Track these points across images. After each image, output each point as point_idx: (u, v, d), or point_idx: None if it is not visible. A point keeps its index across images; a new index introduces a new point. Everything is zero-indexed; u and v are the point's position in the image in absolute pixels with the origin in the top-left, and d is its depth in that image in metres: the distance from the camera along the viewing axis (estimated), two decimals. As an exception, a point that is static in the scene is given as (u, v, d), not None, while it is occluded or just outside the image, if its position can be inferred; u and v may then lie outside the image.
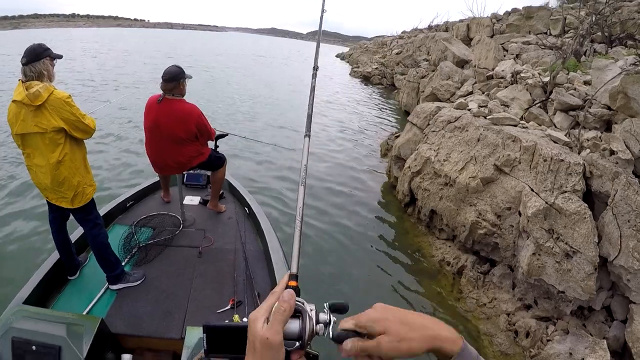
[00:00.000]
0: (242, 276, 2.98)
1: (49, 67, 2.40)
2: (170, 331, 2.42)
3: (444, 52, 13.39)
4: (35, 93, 2.23)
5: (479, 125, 4.63)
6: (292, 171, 6.95)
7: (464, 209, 4.23)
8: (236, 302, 2.69)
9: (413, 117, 6.39)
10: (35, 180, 2.53)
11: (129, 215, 3.73)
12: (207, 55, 33.12)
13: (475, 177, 4.15)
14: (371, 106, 15.36)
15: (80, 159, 2.57)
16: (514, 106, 5.88)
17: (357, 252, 4.67)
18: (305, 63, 34.88)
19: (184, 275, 2.95)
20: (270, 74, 23.62)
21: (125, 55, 26.14)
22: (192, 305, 2.66)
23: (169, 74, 3.13)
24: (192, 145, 3.33)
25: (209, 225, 3.69)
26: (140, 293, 2.72)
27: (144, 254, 3.14)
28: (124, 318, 2.48)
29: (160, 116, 3.15)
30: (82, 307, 2.54)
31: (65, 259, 2.76)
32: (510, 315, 3.71)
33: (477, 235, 4.04)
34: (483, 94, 7.46)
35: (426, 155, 5.02)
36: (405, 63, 20.91)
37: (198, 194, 4.26)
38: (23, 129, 2.32)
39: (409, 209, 5.47)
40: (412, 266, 4.36)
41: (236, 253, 3.27)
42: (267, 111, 12.52)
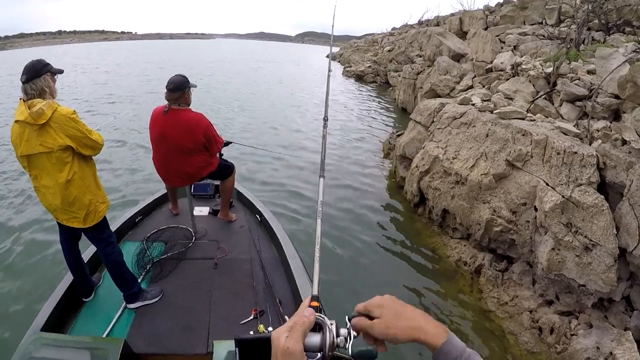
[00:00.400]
0: (261, 285, 2.96)
1: (50, 83, 2.33)
2: (196, 347, 2.39)
3: (438, 46, 13.36)
4: (38, 111, 2.16)
5: (486, 121, 4.61)
6: (302, 181, 6.88)
7: (478, 207, 4.20)
8: (259, 312, 2.67)
9: (416, 115, 6.36)
10: (44, 202, 2.45)
11: (139, 230, 3.69)
12: (200, 63, 33.00)
13: (488, 174, 4.12)
14: (367, 105, 15.37)
15: (91, 176, 2.50)
16: (518, 99, 5.86)
17: (370, 256, 4.62)
18: (299, 67, 35.07)
19: (201, 289, 2.92)
20: (265, 79, 23.51)
21: (117, 68, 26.02)
22: (214, 319, 2.62)
23: (174, 83, 3.08)
24: (200, 156, 3.27)
25: (221, 235, 3.66)
26: (159, 310, 2.68)
27: (158, 270, 3.10)
28: (145, 337, 2.43)
29: (167, 127, 3.10)
30: (101, 329, 2.49)
31: (80, 280, 2.70)
32: (533, 312, 3.68)
33: (493, 233, 4.01)
34: (484, 88, 7.44)
35: (434, 154, 4.98)
36: (398, 60, 20.86)
37: (207, 204, 4.24)
38: (28, 149, 2.24)
39: (419, 209, 5.44)
40: (429, 268, 4.32)
41: (252, 262, 3.25)
42: (265, 115, 12.53)
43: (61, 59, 33.36)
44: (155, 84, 17.78)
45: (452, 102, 5.95)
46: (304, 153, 8.46)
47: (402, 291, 3.99)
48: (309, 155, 8.30)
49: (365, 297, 2.57)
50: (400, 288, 4.05)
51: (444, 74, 9.80)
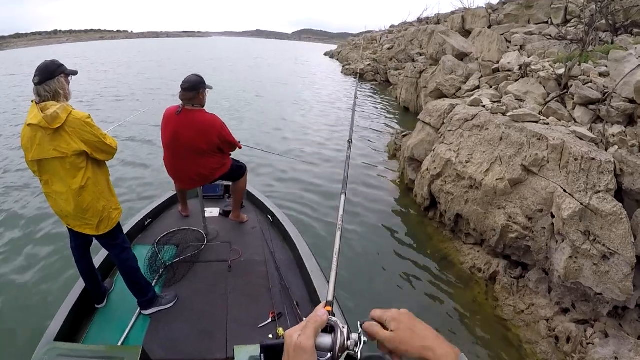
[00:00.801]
0: (277, 287, 2.93)
1: (65, 85, 2.27)
2: (214, 352, 2.36)
3: (442, 45, 13.28)
4: (53, 115, 2.08)
5: (499, 124, 4.56)
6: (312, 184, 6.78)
7: (493, 212, 4.16)
8: (277, 315, 2.64)
9: (425, 116, 6.30)
10: (55, 208, 2.38)
11: (149, 234, 3.62)
12: (199, 61, 32.79)
13: (503, 179, 4.07)
14: (368, 104, 15.30)
15: (104, 182, 2.45)
16: (529, 100, 5.82)
17: (380, 261, 4.58)
18: (297, 65, 34.59)
19: (216, 292, 2.88)
20: (265, 77, 23.41)
21: (119, 68, 25.77)
22: (231, 322, 2.59)
23: (189, 82, 3.04)
24: (214, 157, 3.23)
25: (233, 237, 3.62)
26: (174, 315, 2.64)
27: (171, 274, 3.06)
28: (162, 344, 2.40)
29: (180, 128, 3.04)
30: (116, 336, 2.44)
31: (92, 287, 2.65)
32: (550, 320, 3.65)
33: (509, 240, 3.97)
34: (491, 88, 7.40)
35: (446, 157, 4.93)
36: (398, 58, 20.83)
37: (217, 205, 4.19)
38: (40, 154, 2.17)
39: (430, 212, 5.38)
40: (442, 275, 4.27)
41: (267, 264, 3.21)
42: (273, 117, 12.46)
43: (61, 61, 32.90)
44: (156, 82, 17.64)
45: (462, 103, 5.89)
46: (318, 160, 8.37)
47: (415, 299, 3.95)
48: (323, 162, 8.21)
49: (375, 303, 2.65)
50: (412, 295, 4.01)
51: (450, 73, 9.76)
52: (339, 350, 0.67)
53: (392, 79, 19.52)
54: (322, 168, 7.55)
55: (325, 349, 0.67)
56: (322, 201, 5.98)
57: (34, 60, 4.04)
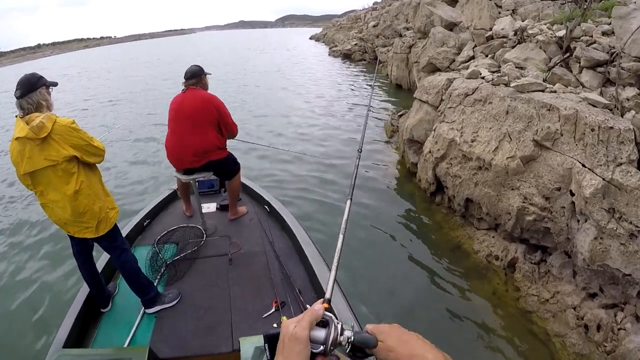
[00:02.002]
0: (278, 276, 2.95)
1: (47, 96, 2.33)
2: (220, 346, 2.38)
3: (429, 17, 12.78)
4: (39, 125, 2.13)
5: (503, 96, 4.20)
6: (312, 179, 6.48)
7: (506, 194, 3.83)
8: (280, 304, 2.66)
9: (421, 94, 5.92)
10: (53, 217, 2.42)
11: (148, 234, 3.69)
12: (186, 61, 32.23)
13: (514, 157, 3.74)
14: (360, 83, 14.86)
15: (98, 184, 2.50)
16: (531, 68, 5.44)
17: (387, 254, 4.32)
18: (279, 50, 34.51)
19: (219, 286, 2.92)
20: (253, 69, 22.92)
21: (107, 73, 25.51)
22: (236, 315, 2.63)
23: (190, 72, 3.39)
24: (212, 132, 3.36)
25: (232, 230, 3.67)
26: (179, 312, 2.69)
27: (173, 272, 3.11)
28: (168, 341, 2.44)
29: (184, 101, 3.32)
30: (123, 338, 2.47)
31: (96, 291, 2.70)
32: (577, 308, 3.37)
33: (526, 223, 3.66)
34: (487, 57, 6.99)
35: (449, 137, 4.57)
36: (385, 34, 20.78)
37: (213, 200, 4.25)
38: (31, 166, 2.21)
39: (437, 197, 5.06)
40: (456, 266, 3.98)
41: (267, 254, 3.25)
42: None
43: (47, 73, 32.29)
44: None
45: (459, 76, 5.50)
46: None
47: (427, 295, 3.71)
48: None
49: (382, 301, 3.60)
50: (424, 291, 3.76)
51: (441, 45, 9.33)
52: (331, 343, 0.71)
53: (381, 56, 19.36)
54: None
55: (319, 342, 0.71)
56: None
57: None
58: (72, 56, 64.89)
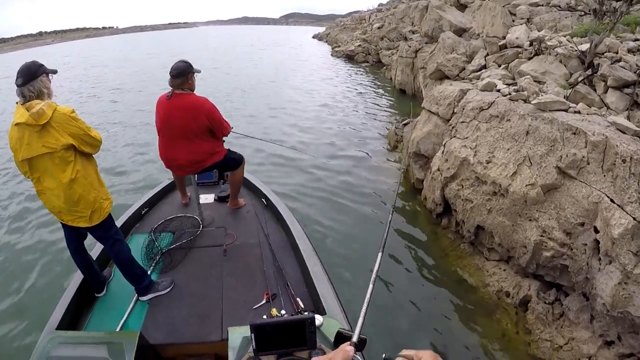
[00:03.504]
0: (271, 269, 3.00)
1: (48, 84, 2.37)
2: (210, 334, 2.43)
3: (438, 21, 12.45)
4: (39, 111, 2.18)
5: (523, 114, 3.85)
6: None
7: (522, 225, 3.48)
8: (271, 296, 2.70)
9: (431, 104, 5.55)
10: (48, 204, 2.47)
11: (146, 222, 3.75)
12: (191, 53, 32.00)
13: (535, 185, 3.38)
14: (362, 87, 14.61)
15: (93, 174, 2.54)
16: (550, 83, 5.09)
17: (386, 279, 3.97)
18: (285, 48, 34.33)
19: (212, 276, 2.97)
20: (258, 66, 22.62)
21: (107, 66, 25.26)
22: (227, 305, 2.67)
23: (177, 69, 3.16)
24: (205, 142, 3.29)
25: (228, 221, 3.72)
26: (172, 300, 2.74)
27: (168, 260, 3.17)
28: (160, 328, 2.49)
29: (171, 111, 3.16)
30: (116, 323, 2.54)
31: (90, 277, 2.76)
32: (593, 358, 3.00)
33: (543, 259, 3.31)
34: (500, 68, 6.63)
35: (461, 155, 4.20)
36: (390, 37, 20.76)
37: (211, 191, 4.31)
38: (30, 152, 2.26)
39: (444, 220, 4.70)
40: (462, 300, 3.65)
41: (261, 246, 3.29)
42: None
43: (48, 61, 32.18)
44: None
45: (473, 87, 5.13)
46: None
47: (429, 333, 3.40)
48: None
49: (378, 336, 3.17)
50: (425, 327, 3.46)
51: (450, 52, 8.97)
52: None
53: (384, 59, 19.28)
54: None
55: None
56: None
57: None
58: (75, 45, 64.29)
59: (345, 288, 3.57)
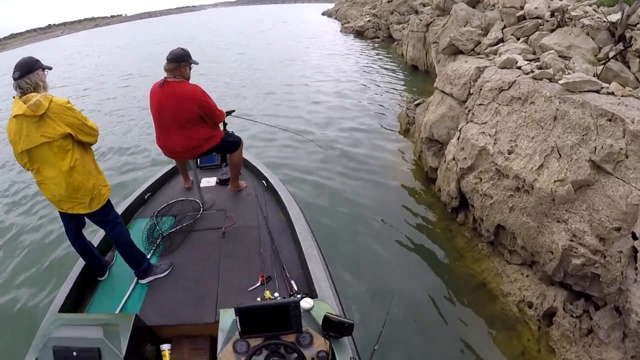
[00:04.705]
0: (268, 251, 3.01)
1: (44, 78, 2.46)
2: (205, 316, 2.47)
3: (450, -9, 11.67)
4: (36, 103, 2.27)
5: (550, 96, 3.38)
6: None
7: (549, 227, 3.06)
8: (266, 278, 2.71)
9: (444, 84, 5.06)
10: (47, 193, 2.55)
11: (149, 207, 3.82)
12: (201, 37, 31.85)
13: (564, 181, 2.94)
14: (372, 64, 14.03)
15: (91, 162, 2.62)
16: (577, 59, 4.53)
17: (392, 283, 3.61)
18: (292, 27, 34.08)
19: (210, 259, 3.01)
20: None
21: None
22: (222, 288, 2.71)
23: (173, 54, 3.20)
24: (199, 128, 3.28)
25: (229, 204, 3.75)
26: (170, 283, 2.80)
27: (168, 243, 3.21)
28: (157, 310, 2.55)
29: (163, 100, 3.17)
30: (116, 305, 2.61)
31: (90, 262, 2.84)
32: (625, 383, 2.61)
33: (572, 267, 2.92)
34: (519, 41, 6.02)
35: (479, 144, 3.76)
36: (400, 11, 20.19)
37: (214, 174, 4.34)
38: (29, 143, 2.35)
39: (460, 215, 4.29)
40: (479, 309, 3.32)
41: (260, 229, 3.30)
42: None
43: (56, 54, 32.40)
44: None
45: (490, 64, 4.60)
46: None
47: (440, 346, 3.07)
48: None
49: (387, 340, 2.69)
50: (436, 339, 3.12)
51: (464, 24, 8.34)
52: None
53: (395, 34, 18.82)
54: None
55: None
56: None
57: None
58: (85, 36, 64.07)
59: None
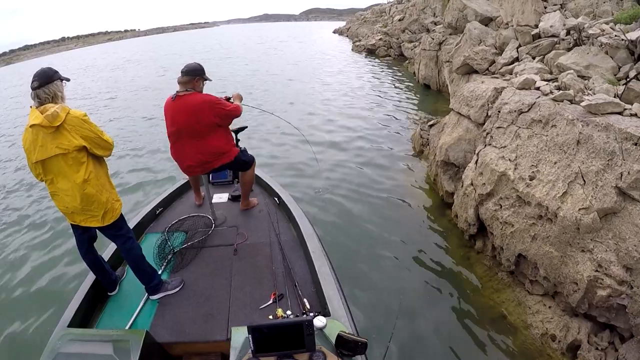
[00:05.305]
0: (280, 268, 2.98)
1: (61, 89, 2.46)
2: (215, 334, 2.45)
3: (462, 10, 11.69)
4: (53, 114, 2.27)
5: (572, 118, 3.27)
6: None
7: (574, 256, 2.92)
8: (278, 296, 2.68)
9: (460, 105, 4.96)
10: (61, 205, 2.53)
11: (160, 222, 3.82)
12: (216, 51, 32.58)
13: (589, 209, 2.81)
14: (384, 82, 14.04)
15: (105, 176, 2.63)
16: (596, 78, 4.42)
17: (407, 313, 3.50)
18: (304, 45, 34.33)
19: (221, 275, 2.99)
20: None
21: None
22: (234, 305, 2.68)
23: (188, 67, 3.24)
24: (214, 140, 3.27)
25: (240, 221, 3.74)
26: (180, 299, 2.77)
27: (179, 259, 3.21)
28: (167, 326, 2.53)
29: (175, 113, 3.20)
30: (125, 321, 2.59)
31: (101, 277, 2.83)
32: None
33: (597, 298, 2.79)
34: (535, 60, 5.92)
35: (499, 169, 3.63)
36: (411, 29, 20.67)
37: (225, 190, 4.34)
38: (44, 154, 2.35)
39: (478, 242, 4.15)
40: (500, 343, 3.21)
41: (272, 245, 3.30)
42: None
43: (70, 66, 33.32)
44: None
45: (508, 85, 4.50)
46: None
47: None
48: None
49: None
50: None
51: (478, 43, 8.26)
52: None
53: (406, 52, 18.93)
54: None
55: None
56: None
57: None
58: (98, 50, 65.73)
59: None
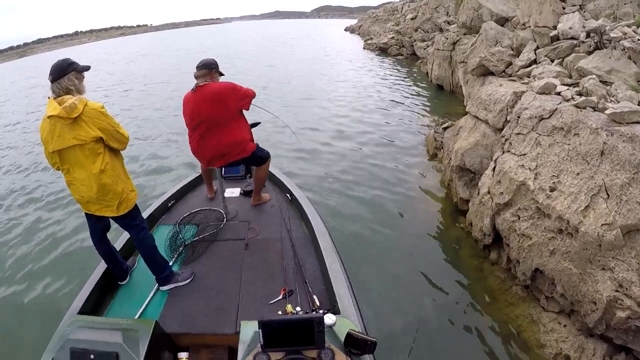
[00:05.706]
0: (291, 264, 3.00)
1: (75, 82, 2.46)
2: (224, 327, 2.47)
3: (477, 10, 11.47)
4: (71, 105, 2.30)
5: (596, 127, 3.13)
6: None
7: (593, 274, 2.79)
8: (287, 292, 2.69)
9: (478, 109, 4.82)
10: (77, 195, 2.58)
11: (172, 214, 3.88)
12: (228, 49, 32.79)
13: (612, 225, 2.69)
14: (396, 82, 13.83)
15: (120, 167, 2.66)
16: (619, 85, 4.27)
17: (416, 324, 3.40)
18: (316, 42, 34.31)
19: (232, 269, 3.02)
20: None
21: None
22: (243, 299, 2.70)
23: (203, 61, 3.33)
24: (233, 130, 3.30)
25: (252, 215, 3.77)
26: (190, 291, 2.80)
27: (190, 252, 3.25)
28: (177, 318, 2.56)
29: (197, 104, 3.22)
30: (135, 310, 2.63)
31: (112, 266, 2.88)
32: None
33: (616, 320, 2.65)
34: (554, 63, 5.73)
35: (518, 178, 3.50)
36: (424, 28, 20.34)
37: (238, 185, 4.38)
38: (61, 144, 2.38)
39: (492, 253, 4.00)
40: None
41: (283, 241, 3.31)
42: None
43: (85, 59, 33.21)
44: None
45: (528, 89, 4.36)
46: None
47: None
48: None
49: None
50: None
51: (494, 44, 8.07)
52: None
53: (419, 51, 18.80)
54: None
55: None
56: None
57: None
58: (111, 44, 66.30)
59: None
